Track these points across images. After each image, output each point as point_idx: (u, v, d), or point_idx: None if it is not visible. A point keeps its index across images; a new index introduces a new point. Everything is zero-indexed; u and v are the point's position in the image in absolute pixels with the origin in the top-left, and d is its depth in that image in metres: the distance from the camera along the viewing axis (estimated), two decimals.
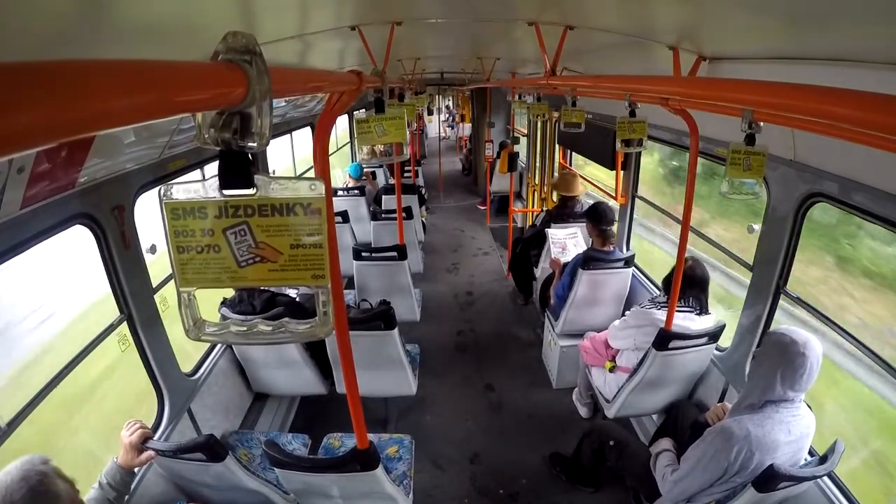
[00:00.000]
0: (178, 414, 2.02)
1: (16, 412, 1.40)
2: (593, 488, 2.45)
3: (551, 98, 4.45)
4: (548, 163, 5.20)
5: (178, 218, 0.54)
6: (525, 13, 1.81)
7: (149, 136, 1.74)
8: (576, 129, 2.44)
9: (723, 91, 0.91)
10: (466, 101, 10.01)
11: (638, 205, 3.48)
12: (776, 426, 1.51)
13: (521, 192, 6.89)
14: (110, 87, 0.31)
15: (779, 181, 1.86)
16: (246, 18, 1.32)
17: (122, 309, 1.81)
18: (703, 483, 1.62)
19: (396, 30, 1.89)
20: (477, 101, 8.07)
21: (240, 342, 0.62)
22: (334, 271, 1.16)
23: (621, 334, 2.43)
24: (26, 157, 1.18)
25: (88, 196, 1.60)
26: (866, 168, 1.46)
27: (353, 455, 1.41)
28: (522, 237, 4.46)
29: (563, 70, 2.78)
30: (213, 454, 1.52)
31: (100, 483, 1.44)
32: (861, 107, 0.55)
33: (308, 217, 0.55)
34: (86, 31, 0.90)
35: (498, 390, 3.32)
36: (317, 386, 2.53)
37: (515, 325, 4.18)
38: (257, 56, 0.46)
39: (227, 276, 0.56)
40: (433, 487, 2.53)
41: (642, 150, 2.15)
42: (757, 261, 2.06)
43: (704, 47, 1.63)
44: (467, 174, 10.06)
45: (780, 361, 1.49)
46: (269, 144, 0.48)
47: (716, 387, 2.29)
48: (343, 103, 1.19)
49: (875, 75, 1.12)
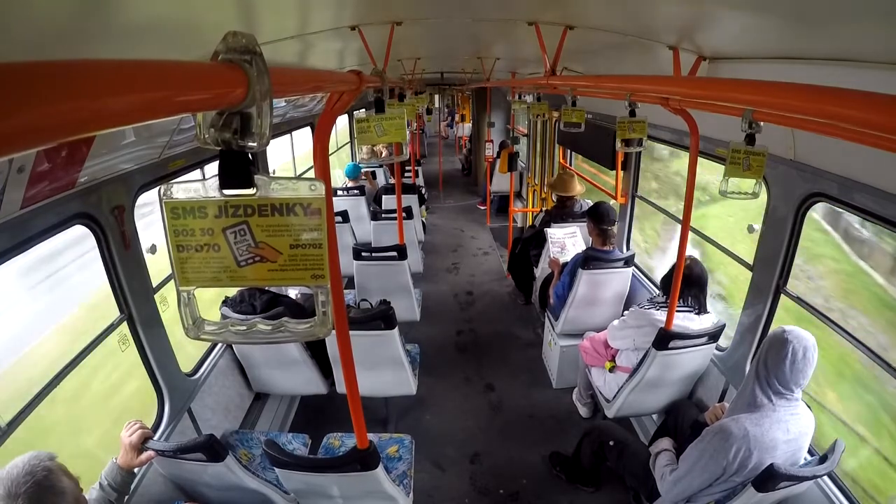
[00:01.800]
0: (178, 414, 2.02)
1: (15, 413, 1.40)
2: (593, 488, 2.45)
3: (551, 98, 4.45)
4: (548, 163, 5.20)
5: (177, 217, 0.54)
6: (525, 13, 1.81)
7: (149, 136, 1.74)
8: (576, 129, 2.44)
9: (723, 91, 0.91)
10: (466, 101, 10.01)
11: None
12: (774, 425, 1.51)
13: (521, 191, 6.90)
14: (110, 87, 0.31)
15: (779, 181, 1.86)
16: (246, 18, 1.32)
17: (122, 309, 1.81)
18: (702, 483, 1.62)
19: (396, 30, 1.89)
20: (477, 101, 8.07)
21: (239, 341, 0.62)
22: (334, 271, 1.16)
23: (620, 334, 2.43)
24: (26, 156, 1.18)
25: (88, 196, 1.60)
26: (866, 168, 1.46)
27: (353, 455, 1.41)
28: (522, 237, 4.46)
29: (563, 70, 2.78)
30: (213, 454, 1.52)
31: (100, 484, 1.44)
32: (861, 107, 0.55)
33: (308, 217, 0.55)
34: (86, 31, 0.90)
35: (498, 390, 3.32)
36: (317, 386, 2.53)
37: (515, 325, 4.18)
38: (257, 56, 0.46)
39: (227, 275, 0.56)
40: (433, 487, 2.53)
41: (642, 150, 2.15)
42: (757, 261, 2.06)
43: (704, 47, 1.63)
44: (467, 174, 10.06)
45: (774, 359, 1.51)
46: (269, 144, 0.48)
47: (716, 387, 2.29)
48: (343, 103, 1.19)
49: (875, 75, 1.12)
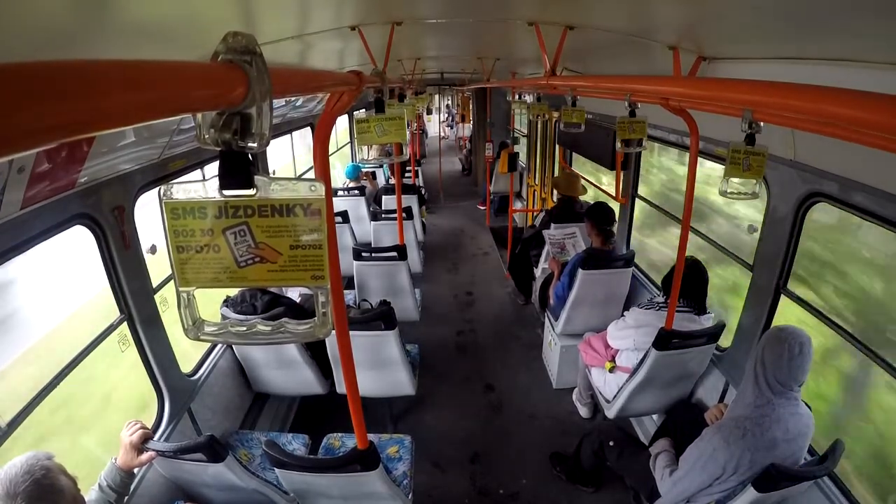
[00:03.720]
0: (178, 414, 2.02)
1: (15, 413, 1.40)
2: (593, 488, 2.45)
3: (551, 98, 4.45)
4: (548, 163, 5.20)
5: (177, 218, 0.54)
6: (525, 13, 1.81)
7: (149, 137, 1.74)
8: (576, 129, 2.44)
9: (723, 91, 0.91)
10: (467, 101, 10.02)
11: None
12: (773, 425, 1.51)
13: (521, 192, 6.90)
14: (110, 87, 0.31)
15: (779, 181, 1.86)
16: (246, 19, 1.32)
17: (123, 309, 1.81)
18: (702, 483, 1.62)
19: (396, 30, 1.89)
20: (477, 102, 8.07)
21: (239, 342, 0.62)
22: (334, 271, 1.16)
23: (620, 335, 2.43)
24: (26, 157, 1.18)
25: (88, 196, 1.60)
26: (866, 168, 1.46)
27: (354, 455, 1.41)
28: (522, 237, 4.46)
29: (563, 70, 2.78)
30: (214, 454, 1.52)
31: (99, 485, 1.44)
32: (861, 107, 0.55)
33: (308, 218, 0.55)
34: (86, 31, 0.90)
35: (498, 390, 3.32)
36: (317, 386, 2.53)
37: (515, 325, 4.18)
38: (257, 56, 0.46)
39: (227, 276, 0.56)
40: (433, 487, 2.53)
41: (642, 150, 2.15)
42: (757, 261, 2.06)
43: (704, 47, 1.63)
44: (467, 174, 10.06)
45: (769, 356, 1.51)
46: (269, 145, 0.48)
47: (716, 387, 2.29)
48: (343, 103, 1.19)
49: (875, 75, 1.12)
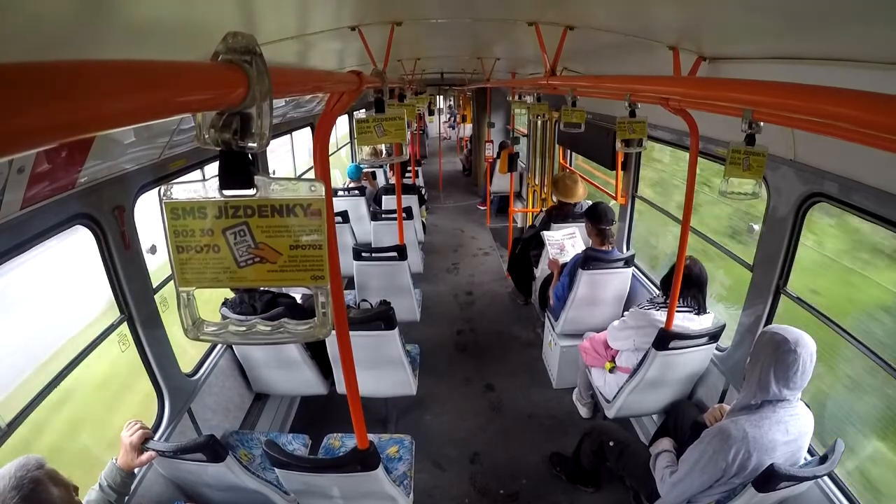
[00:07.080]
0: (178, 414, 2.02)
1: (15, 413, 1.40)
2: (593, 488, 2.45)
3: (551, 98, 4.46)
4: (548, 163, 5.20)
5: (177, 218, 0.54)
6: (525, 13, 1.81)
7: (149, 137, 1.74)
8: (576, 129, 2.44)
9: (723, 91, 0.92)
10: (468, 102, 10.02)
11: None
12: (774, 426, 1.51)
13: (521, 192, 6.90)
14: (110, 87, 0.31)
15: (779, 181, 1.86)
16: (246, 19, 1.32)
17: (123, 309, 1.81)
18: (702, 484, 1.62)
19: (396, 30, 1.89)
20: (477, 102, 8.07)
21: (239, 342, 0.62)
22: (334, 271, 1.16)
23: (620, 335, 2.43)
24: (26, 157, 1.18)
25: (88, 196, 1.60)
26: (866, 168, 1.46)
27: (354, 455, 1.41)
28: (522, 237, 4.46)
29: (563, 70, 2.78)
30: (214, 454, 1.52)
31: (99, 485, 1.44)
32: (861, 107, 0.55)
33: (308, 218, 0.55)
34: (86, 31, 0.90)
35: (498, 390, 3.32)
36: (317, 386, 2.53)
37: (515, 325, 4.18)
38: (257, 56, 0.46)
39: (227, 276, 0.56)
40: (433, 487, 2.53)
41: (642, 150, 2.15)
42: (757, 261, 2.06)
43: (704, 47, 1.63)
44: (467, 174, 10.06)
45: (772, 360, 1.49)
46: (269, 145, 0.48)
47: (716, 387, 2.29)
48: (343, 104, 1.19)
49: (875, 75, 1.12)
